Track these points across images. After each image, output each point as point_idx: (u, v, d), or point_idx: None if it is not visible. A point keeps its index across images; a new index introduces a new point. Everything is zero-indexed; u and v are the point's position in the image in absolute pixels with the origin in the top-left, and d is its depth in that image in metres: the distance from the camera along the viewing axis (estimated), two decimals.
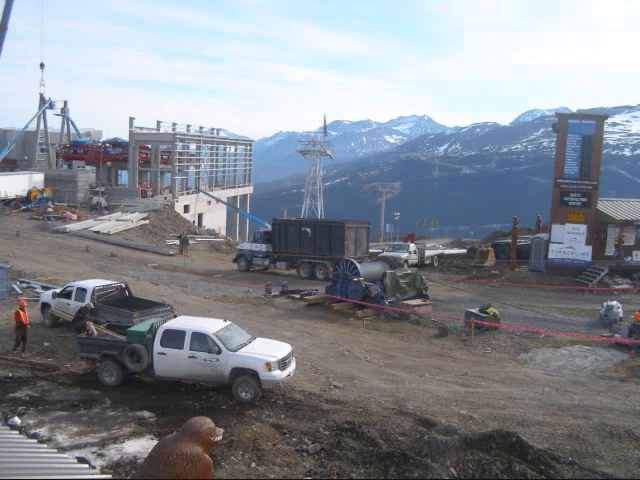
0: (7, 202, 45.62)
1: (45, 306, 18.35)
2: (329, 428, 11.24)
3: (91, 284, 18.13)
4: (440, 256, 40.35)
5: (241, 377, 12.36)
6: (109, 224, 41.22)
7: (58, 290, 18.73)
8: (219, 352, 12.49)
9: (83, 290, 17.54)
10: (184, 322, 13.73)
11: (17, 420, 11.08)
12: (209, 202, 56.57)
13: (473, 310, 20.51)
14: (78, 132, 62.68)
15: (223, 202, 58.63)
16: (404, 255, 34.66)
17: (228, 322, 13.81)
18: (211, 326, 13.25)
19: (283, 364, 12.54)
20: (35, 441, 8.24)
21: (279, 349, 13.06)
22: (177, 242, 38.47)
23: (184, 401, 12.49)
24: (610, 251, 30.90)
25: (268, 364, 12.22)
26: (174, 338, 12.85)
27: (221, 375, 12.56)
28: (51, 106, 57.95)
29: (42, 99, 57.39)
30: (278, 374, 12.33)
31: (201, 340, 12.70)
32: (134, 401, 12.38)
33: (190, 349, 12.66)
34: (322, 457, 10.12)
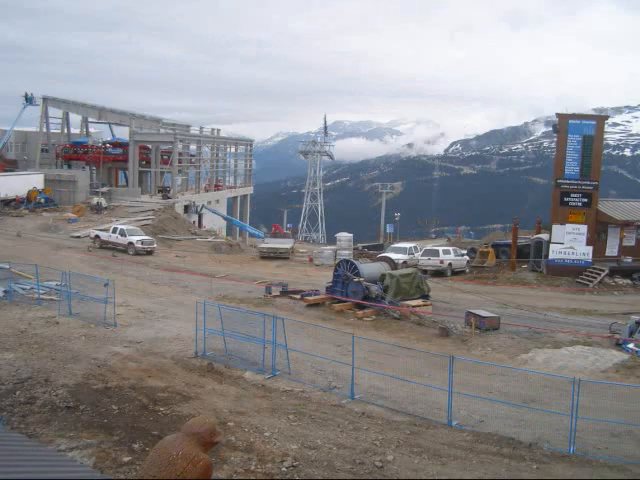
0: (7, 202, 45.62)
1: None
2: (329, 428, 11.24)
3: None
4: None
5: None
6: (109, 224, 41.18)
7: None
8: None
9: None
10: None
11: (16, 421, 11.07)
12: (209, 202, 56.56)
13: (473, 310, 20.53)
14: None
15: (224, 217, 58.79)
16: (404, 256, 34.64)
17: None
18: None
19: None
20: (35, 442, 8.23)
21: None
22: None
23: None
24: (612, 251, 30.89)
25: None
26: None
27: None
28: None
29: (44, 101, 57.43)
30: None
31: None
32: None
33: None
34: (322, 457, 10.11)
